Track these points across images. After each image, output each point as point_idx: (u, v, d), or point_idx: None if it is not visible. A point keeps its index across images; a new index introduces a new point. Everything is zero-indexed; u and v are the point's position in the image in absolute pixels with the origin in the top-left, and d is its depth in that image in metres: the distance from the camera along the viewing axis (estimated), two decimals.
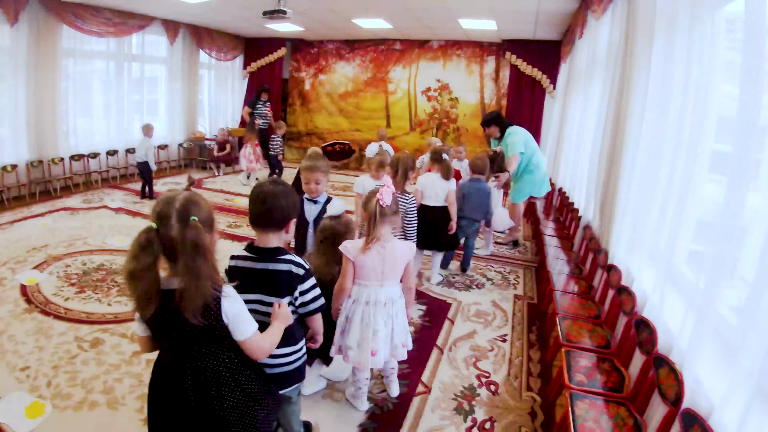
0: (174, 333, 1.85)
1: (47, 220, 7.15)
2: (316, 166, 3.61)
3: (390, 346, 2.95)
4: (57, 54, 9.05)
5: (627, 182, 4.00)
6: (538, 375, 3.64)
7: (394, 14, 9.53)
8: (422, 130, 12.74)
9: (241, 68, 14.08)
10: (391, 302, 2.92)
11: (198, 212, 1.82)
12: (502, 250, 6.75)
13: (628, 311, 3.26)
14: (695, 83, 2.98)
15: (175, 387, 1.91)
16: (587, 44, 6.94)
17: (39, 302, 4.47)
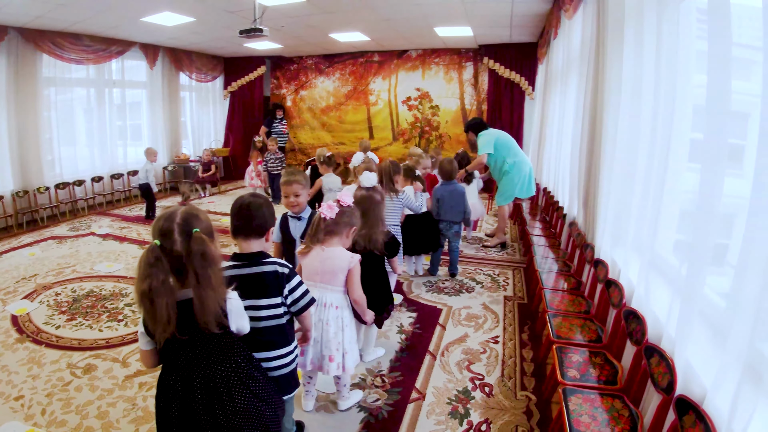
0: (184, 344, 1.91)
1: (35, 250, 7.11)
2: (293, 179, 3.55)
3: (318, 354, 2.95)
4: (37, 83, 9.05)
5: (607, 177, 4.03)
6: (532, 374, 3.64)
7: (371, 26, 9.60)
8: (405, 139, 12.81)
9: (221, 88, 14.11)
10: (322, 306, 2.94)
11: (199, 224, 1.89)
12: (490, 253, 6.78)
13: (616, 303, 3.28)
14: (666, 74, 3.03)
15: (185, 398, 1.96)
16: (562, 44, 7.00)
17: (30, 331, 4.45)
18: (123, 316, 4.76)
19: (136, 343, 4.14)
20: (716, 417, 1.92)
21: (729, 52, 2.20)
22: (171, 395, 1.98)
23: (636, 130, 3.53)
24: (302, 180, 3.61)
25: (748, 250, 1.90)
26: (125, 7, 7.63)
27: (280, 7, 7.64)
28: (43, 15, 7.71)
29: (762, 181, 1.87)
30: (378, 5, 7.83)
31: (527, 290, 5.32)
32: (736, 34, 2.23)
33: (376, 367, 3.75)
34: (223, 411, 1.98)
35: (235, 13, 8.11)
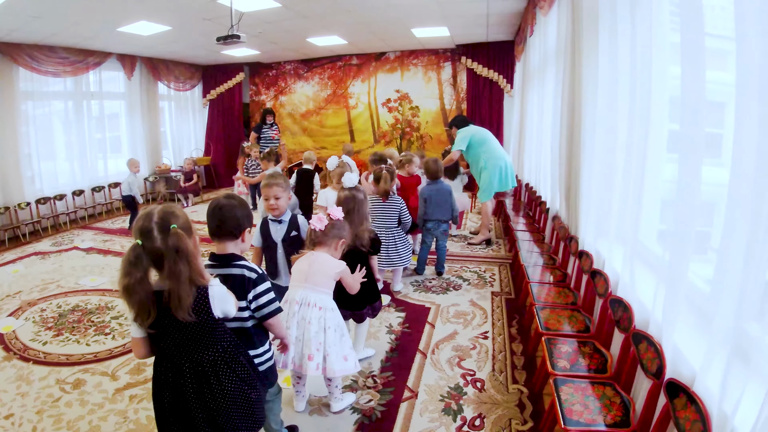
0: (171, 330, 2.01)
1: (18, 267, 7.03)
2: (273, 182, 3.56)
3: (299, 353, 2.96)
4: (15, 97, 8.98)
5: (588, 169, 4.08)
6: (523, 367, 3.68)
7: (348, 30, 9.62)
8: (386, 141, 12.83)
9: (200, 97, 14.08)
10: (306, 305, 3.00)
11: (176, 220, 1.96)
12: (476, 250, 6.81)
13: (602, 293, 3.31)
14: (641, 67, 3.07)
15: (176, 382, 2.07)
16: (538, 41, 7.07)
17: (17, 349, 4.39)
18: (110, 330, 4.72)
19: (124, 356, 4.13)
20: (706, 398, 1.95)
21: (702, 42, 2.24)
22: (163, 381, 2.09)
23: (614, 123, 3.57)
24: (282, 183, 3.61)
25: (729, 235, 1.94)
26: (100, 17, 7.59)
27: (257, 12, 7.64)
28: (18, 28, 7.67)
29: (739, 168, 1.91)
30: (354, 8, 7.86)
31: (514, 285, 5.36)
32: (708, 25, 2.27)
33: (367, 368, 3.76)
34: (212, 395, 2.08)
35: (211, 20, 8.09)
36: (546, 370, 2.88)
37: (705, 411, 1.90)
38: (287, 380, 3.51)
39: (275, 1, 7.22)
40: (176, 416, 2.09)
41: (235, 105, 13.97)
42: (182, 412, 2.08)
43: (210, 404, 2.07)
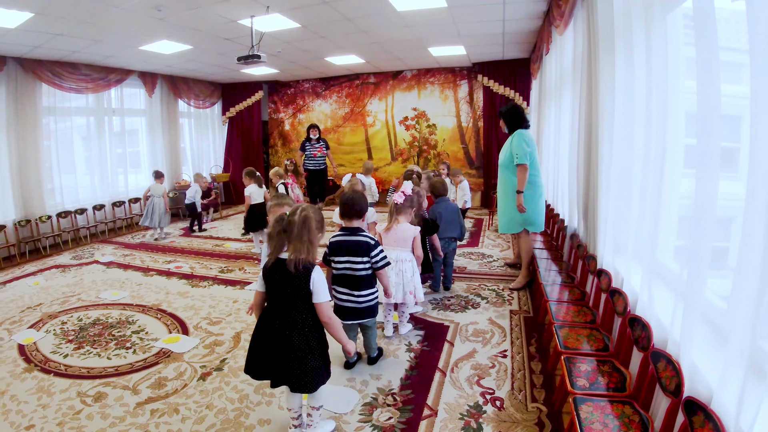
0: (280, 293, 2.86)
1: (39, 279, 7.11)
2: (283, 202, 3.89)
3: (402, 292, 4.37)
4: (37, 112, 9.14)
5: (605, 187, 4.09)
6: (542, 385, 3.65)
7: (365, 49, 9.74)
8: (404, 159, 12.92)
9: (220, 114, 14.27)
10: (400, 261, 4.41)
11: (315, 214, 2.91)
12: (494, 268, 6.81)
13: (621, 312, 3.30)
14: (657, 83, 3.09)
15: (272, 327, 2.88)
16: (554, 59, 7.12)
17: (38, 361, 4.42)
18: (131, 344, 4.72)
19: (146, 370, 4.16)
20: (724, 415, 1.95)
21: (716, 56, 2.26)
22: (266, 327, 2.91)
23: (630, 140, 3.60)
24: (291, 203, 3.92)
25: (746, 251, 1.94)
26: (123, 36, 7.76)
27: (276, 33, 7.78)
28: (41, 45, 7.83)
29: (755, 182, 1.91)
30: (371, 29, 7.98)
31: (532, 303, 5.34)
32: (722, 38, 2.28)
33: (387, 385, 3.75)
34: (288, 344, 2.83)
35: (231, 40, 8.24)
36: (565, 389, 2.87)
37: (722, 428, 1.90)
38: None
39: (294, 22, 7.35)
40: (267, 352, 2.88)
41: (254, 122, 14.12)
42: (272, 350, 2.86)
43: (287, 353, 2.82)
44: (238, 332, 4.90)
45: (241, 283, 6.59)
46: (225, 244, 9.04)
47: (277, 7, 6.55)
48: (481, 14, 7.18)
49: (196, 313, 5.48)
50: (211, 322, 5.23)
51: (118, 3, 6.03)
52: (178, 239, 9.71)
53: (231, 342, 4.69)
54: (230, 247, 8.84)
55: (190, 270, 7.33)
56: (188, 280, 6.81)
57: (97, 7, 6.13)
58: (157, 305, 5.78)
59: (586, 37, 4.61)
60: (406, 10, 6.88)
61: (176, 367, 4.22)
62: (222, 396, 3.69)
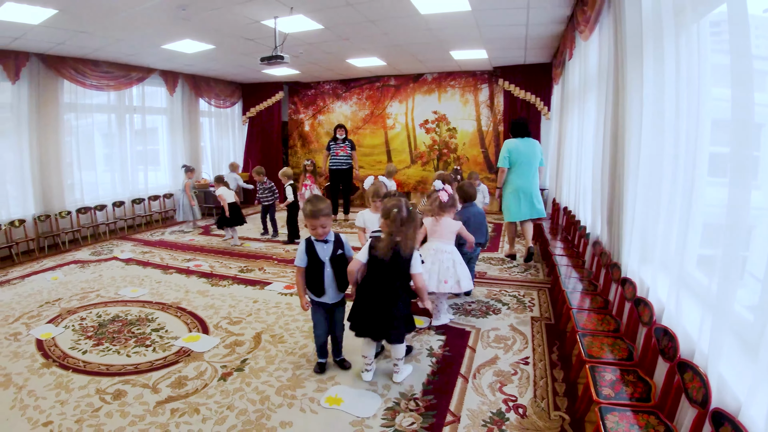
0: (383, 266, 3.61)
1: (58, 274, 7.16)
2: (318, 211, 3.74)
3: (436, 280, 4.71)
4: (58, 109, 9.24)
5: (632, 195, 4.05)
6: (564, 394, 3.61)
7: (388, 52, 9.73)
8: (423, 162, 12.90)
9: (240, 114, 14.35)
10: (440, 251, 4.80)
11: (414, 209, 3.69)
12: (514, 273, 6.76)
13: (646, 321, 3.27)
14: (686, 90, 3.06)
15: (376, 293, 3.65)
16: (578, 64, 7.08)
17: (56, 356, 4.42)
18: (150, 342, 4.71)
19: (165, 369, 4.15)
20: (752, 427, 1.95)
21: (750, 64, 2.25)
22: (367, 292, 3.70)
23: (659, 148, 3.55)
24: (327, 210, 3.79)
25: None
26: (146, 34, 7.83)
27: (299, 34, 7.79)
28: (64, 42, 7.91)
29: None
30: (393, 31, 7.97)
31: (553, 310, 5.29)
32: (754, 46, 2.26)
33: (409, 390, 3.73)
34: (390, 307, 3.62)
35: (253, 41, 8.26)
36: (590, 398, 2.87)
37: None
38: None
39: (317, 23, 7.35)
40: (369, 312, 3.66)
41: (274, 123, 14.15)
42: (375, 310, 3.63)
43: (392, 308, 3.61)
44: (259, 333, 4.89)
45: (260, 283, 6.58)
46: (244, 244, 9.06)
47: (301, 8, 6.57)
48: (504, 18, 7.15)
49: (216, 313, 5.47)
50: (231, 321, 5.21)
51: (143, 1, 6.06)
52: (197, 237, 9.74)
53: (252, 342, 4.67)
54: (250, 247, 8.85)
55: (210, 269, 7.34)
56: (208, 278, 6.82)
57: (121, 5, 6.17)
58: (177, 303, 5.79)
59: (612, 44, 4.57)
60: (429, 13, 6.86)
61: (196, 366, 4.21)
62: (243, 397, 3.66)
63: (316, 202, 3.76)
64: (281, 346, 4.57)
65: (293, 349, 4.50)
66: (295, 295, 5.97)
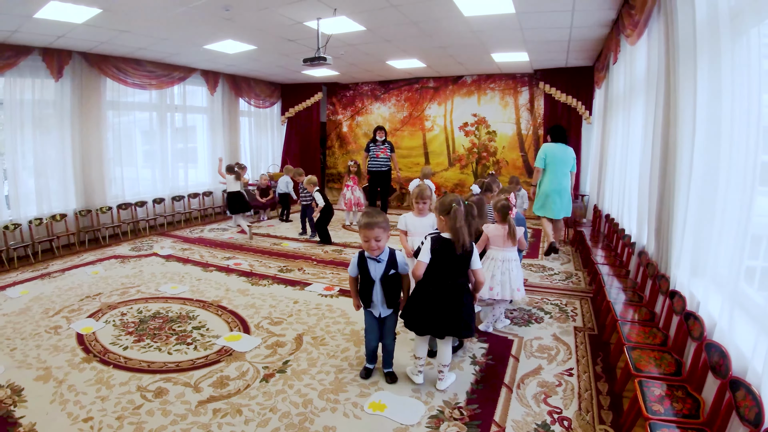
0: (446, 264, 3.57)
1: (98, 269, 7.26)
2: (374, 222, 3.57)
3: (509, 289, 4.71)
4: (101, 106, 9.41)
5: (682, 205, 3.96)
6: (609, 407, 3.54)
7: (428, 53, 9.72)
8: (462, 165, 12.81)
9: (278, 114, 14.46)
10: (507, 260, 4.75)
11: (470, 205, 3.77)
12: (555, 281, 6.67)
13: (696, 336, 3.19)
14: (746, 97, 3.01)
15: (434, 288, 3.60)
16: (623, 69, 6.96)
17: (97, 351, 4.45)
18: (192, 340, 4.72)
19: (207, 368, 4.16)
20: None
21: None
22: (431, 289, 3.62)
23: (715, 157, 3.46)
24: (383, 223, 3.61)
25: None
26: (189, 34, 7.91)
27: (341, 35, 7.81)
28: (107, 41, 8.03)
29: None
30: (436, 33, 7.93)
31: (597, 321, 5.19)
32: None
33: (453, 398, 3.69)
34: (455, 303, 3.60)
35: (295, 41, 8.29)
36: (639, 413, 2.83)
37: None
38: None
39: (360, 25, 7.34)
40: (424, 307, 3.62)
41: (313, 123, 14.23)
42: (439, 306, 3.58)
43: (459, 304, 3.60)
44: (300, 334, 4.89)
45: (300, 283, 6.57)
46: (283, 243, 9.11)
47: (344, 9, 6.56)
48: (548, 21, 7.06)
49: (257, 312, 5.48)
50: (272, 322, 5.21)
51: (188, 1, 6.11)
52: (236, 236, 9.80)
53: (293, 344, 4.66)
54: (288, 246, 8.88)
55: (249, 267, 7.36)
56: (248, 277, 6.84)
57: (166, 5, 6.23)
58: (218, 301, 5.81)
59: (663, 48, 4.47)
60: (473, 15, 6.80)
61: (238, 366, 4.21)
62: (286, 399, 3.66)
63: (374, 214, 3.62)
64: (323, 349, 4.55)
65: (335, 352, 4.48)
66: (335, 296, 5.99)
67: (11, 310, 5.53)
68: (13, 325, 5.11)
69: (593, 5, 6.25)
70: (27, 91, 8.25)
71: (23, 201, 8.29)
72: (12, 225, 7.84)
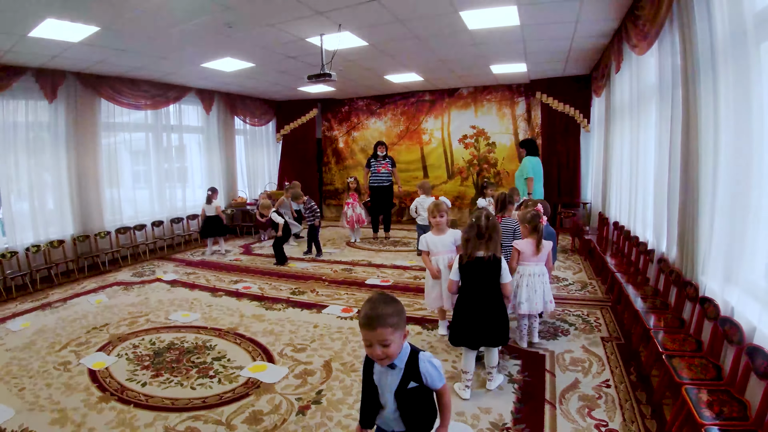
0: (478, 278, 3.83)
1: (101, 297, 7.01)
2: (377, 318, 2.16)
3: (543, 302, 4.73)
4: (96, 128, 9.31)
5: (708, 214, 3.97)
6: (651, 416, 3.52)
7: (428, 67, 9.78)
8: (463, 177, 12.83)
9: (274, 132, 14.44)
10: (541, 275, 4.75)
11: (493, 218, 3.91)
12: (572, 292, 6.63)
13: (735, 341, 3.19)
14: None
15: (474, 302, 3.84)
16: (628, 77, 6.98)
17: (114, 389, 4.18)
18: (214, 372, 4.49)
19: (236, 402, 3.94)
20: None
21: None
22: (467, 304, 3.86)
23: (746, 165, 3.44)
24: (392, 317, 2.17)
25: None
26: (187, 53, 7.87)
27: (342, 51, 7.77)
28: (103, 60, 7.94)
29: None
30: (438, 47, 8.00)
31: (621, 330, 5.17)
32: None
33: (499, 419, 3.60)
34: (492, 314, 3.82)
35: (295, 58, 8.28)
36: (687, 420, 2.90)
37: None
38: None
39: (362, 40, 7.35)
40: (470, 322, 3.83)
41: (308, 140, 14.22)
42: (475, 319, 3.81)
43: (495, 314, 3.82)
44: (328, 360, 4.69)
45: (316, 306, 6.40)
46: (289, 264, 8.95)
47: (349, 25, 6.60)
48: (552, 32, 7.14)
49: (277, 339, 5.28)
50: (295, 349, 5.03)
51: (188, 19, 6.07)
52: (240, 257, 9.69)
53: (323, 372, 4.45)
54: (296, 267, 8.73)
55: (260, 291, 7.19)
56: (260, 302, 6.65)
57: (167, 22, 6.19)
58: (234, 329, 5.61)
59: (680, 58, 4.49)
60: (477, 28, 6.85)
61: (269, 399, 4.00)
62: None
63: (378, 303, 2.19)
64: (354, 375, 4.34)
65: None
66: (355, 318, 5.79)
67: (14, 345, 5.27)
68: (19, 361, 4.86)
69: (598, 15, 6.34)
70: (20, 113, 8.15)
71: (18, 227, 8.13)
72: (8, 253, 7.66)
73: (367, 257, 9.33)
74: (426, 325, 5.58)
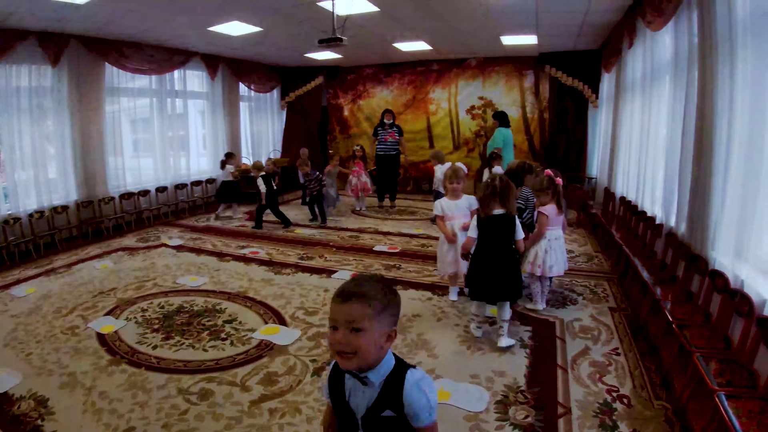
0: (496, 233, 4.11)
1: (107, 262, 7.04)
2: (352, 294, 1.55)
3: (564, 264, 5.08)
4: (100, 93, 9.19)
5: (720, 190, 4.02)
6: (660, 383, 3.60)
7: (437, 36, 9.70)
8: (469, 148, 12.82)
9: (278, 99, 14.31)
10: (561, 238, 5.08)
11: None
12: (579, 263, 6.70)
13: (746, 313, 3.26)
14: None
15: (490, 255, 4.12)
16: (641, 53, 6.94)
17: (124, 352, 4.20)
18: (226, 334, 4.53)
19: (250, 364, 3.99)
20: None
21: None
22: (484, 257, 4.14)
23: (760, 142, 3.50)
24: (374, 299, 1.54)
25: None
26: (196, 14, 7.69)
27: (353, 16, 7.66)
28: (112, 21, 7.76)
29: None
30: (450, 14, 7.89)
31: (627, 301, 5.24)
32: None
33: (514, 382, 3.68)
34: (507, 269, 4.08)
35: (303, 22, 8.15)
36: (698, 387, 3.03)
37: None
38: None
39: (373, 5, 7.24)
40: (487, 277, 4.10)
41: (313, 108, 14.16)
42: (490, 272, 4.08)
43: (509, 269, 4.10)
44: None
45: (326, 271, 6.45)
46: (296, 230, 8.97)
47: None
48: (566, 5, 7.07)
49: (288, 302, 5.33)
50: (306, 312, 5.09)
51: None
52: (246, 223, 9.72)
53: None
54: (303, 233, 8.75)
55: (268, 256, 7.21)
56: (269, 266, 6.69)
57: None
58: (243, 293, 5.64)
59: (697, 36, 4.51)
60: None
61: (284, 360, 4.05)
62: None
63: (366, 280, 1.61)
64: None
65: None
66: None
67: (20, 311, 5.22)
68: (25, 326, 4.82)
69: None
70: (23, 78, 8.01)
71: (22, 193, 8.04)
72: (11, 219, 7.60)
73: (373, 225, 9.39)
74: (437, 291, 5.64)
